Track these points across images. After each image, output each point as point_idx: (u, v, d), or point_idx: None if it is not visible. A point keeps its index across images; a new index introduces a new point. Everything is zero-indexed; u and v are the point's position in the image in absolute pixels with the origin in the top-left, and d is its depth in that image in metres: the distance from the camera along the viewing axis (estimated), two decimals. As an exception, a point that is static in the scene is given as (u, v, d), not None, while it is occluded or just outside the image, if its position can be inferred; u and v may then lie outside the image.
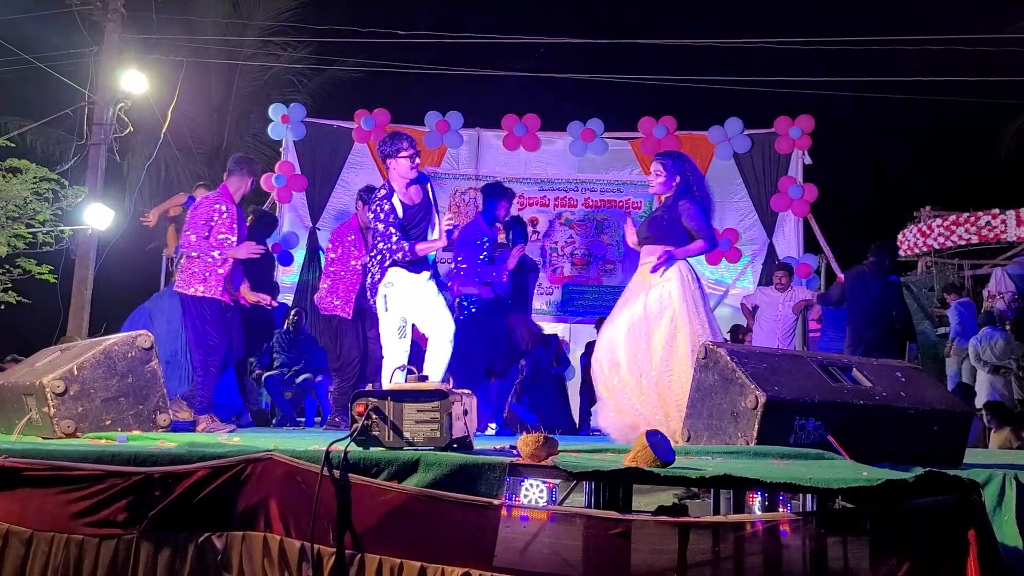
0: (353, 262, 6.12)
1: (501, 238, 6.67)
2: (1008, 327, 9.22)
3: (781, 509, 2.68)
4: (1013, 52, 10.35)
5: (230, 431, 4.74)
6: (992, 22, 11.39)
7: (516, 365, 7.57)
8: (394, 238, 4.73)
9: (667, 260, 4.42)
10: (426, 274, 4.88)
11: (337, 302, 6.12)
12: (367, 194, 6.18)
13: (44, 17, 10.65)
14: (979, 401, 8.38)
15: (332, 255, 6.28)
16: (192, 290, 4.98)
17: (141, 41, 10.93)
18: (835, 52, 11.09)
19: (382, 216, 4.77)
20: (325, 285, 6.22)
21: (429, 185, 5.02)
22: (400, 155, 4.76)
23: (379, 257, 4.79)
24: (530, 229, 10.19)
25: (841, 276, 7.41)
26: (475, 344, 5.73)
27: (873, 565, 2.23)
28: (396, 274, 4.77)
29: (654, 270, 4.44)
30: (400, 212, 4.78)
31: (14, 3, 10.42)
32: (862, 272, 7.09)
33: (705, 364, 3.44)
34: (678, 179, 4.64)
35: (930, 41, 10.42)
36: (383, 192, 4.84)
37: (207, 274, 5.01)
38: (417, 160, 4.82)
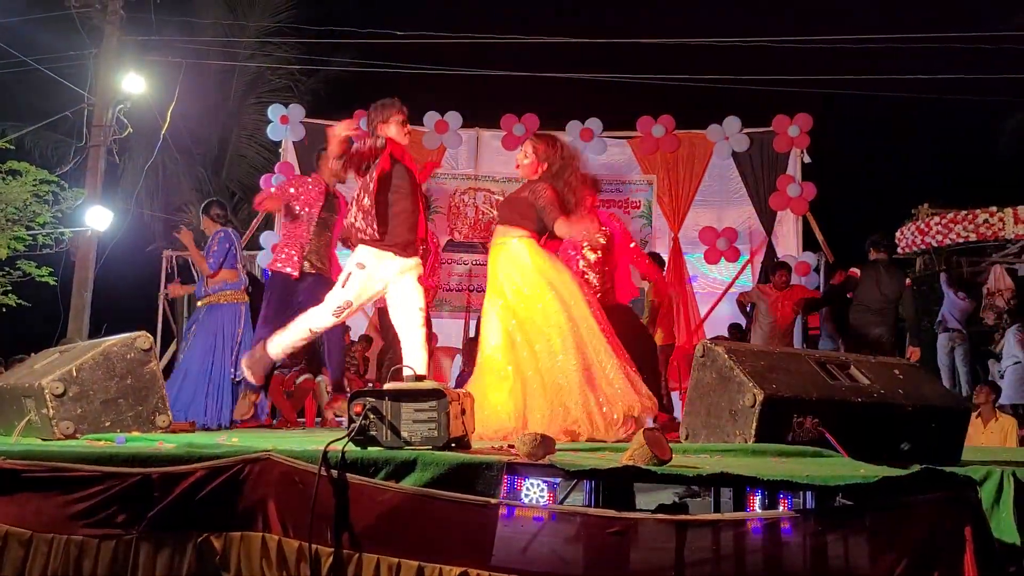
0: None
1: None
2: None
3: (781, 507, 2.68)
4: (1011, 49, 10.35)
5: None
6: (990, 18, 11.40)
7: None
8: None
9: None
10: (409, 262, 4.27)
11: None
12: None
13: (43, 20, 10.65)
14: (1009, 397, 8.36)
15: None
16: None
17: (139, 43, 10.93)
18: (833, 50, 11.09)
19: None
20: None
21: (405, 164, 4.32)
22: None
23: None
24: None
25: (854, 270, 7.39)
26: None
27: (871, 562, 2.24)
28: (367, 253, 4.20)
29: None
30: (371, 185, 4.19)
31: (13, 6, 10.42)
32: (876, 269, 7.13)
33: (703, 362, 3.43)
34: (545, 167, 4.27)
35: (929, 38, 10.43)
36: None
37: None
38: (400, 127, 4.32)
